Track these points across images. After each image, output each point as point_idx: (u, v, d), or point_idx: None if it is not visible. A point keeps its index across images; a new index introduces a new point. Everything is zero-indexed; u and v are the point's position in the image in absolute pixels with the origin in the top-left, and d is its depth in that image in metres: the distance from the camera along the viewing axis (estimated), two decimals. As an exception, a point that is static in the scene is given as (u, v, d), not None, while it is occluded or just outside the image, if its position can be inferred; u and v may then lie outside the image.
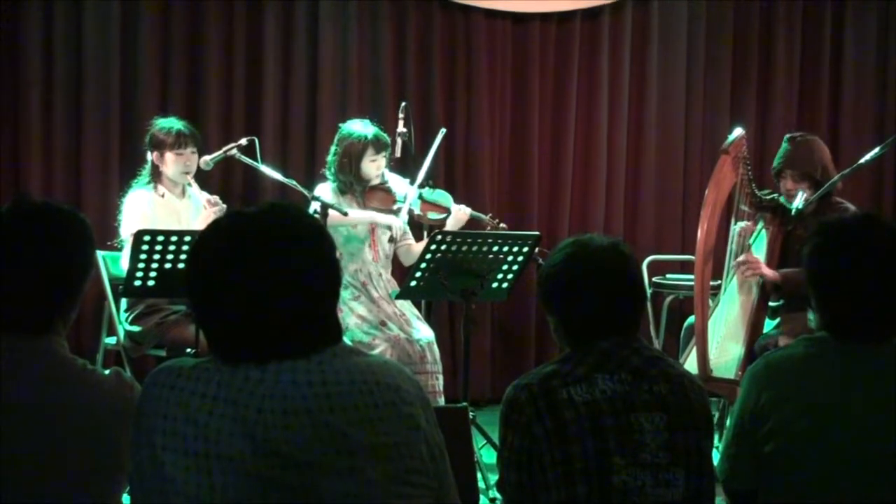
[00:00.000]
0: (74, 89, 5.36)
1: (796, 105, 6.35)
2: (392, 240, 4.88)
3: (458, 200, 4.95)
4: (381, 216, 4.76)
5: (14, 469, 1.91)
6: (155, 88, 5.45)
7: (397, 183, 4.87)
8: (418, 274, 4.19)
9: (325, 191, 4.73)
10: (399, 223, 4.77)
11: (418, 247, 4.83)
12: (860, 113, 6.38)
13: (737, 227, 4.54)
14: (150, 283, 4.01)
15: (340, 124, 4.88)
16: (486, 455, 4.39)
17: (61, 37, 5.31)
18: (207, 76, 5.53)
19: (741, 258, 4.43)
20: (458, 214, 4.80)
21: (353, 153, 4.73)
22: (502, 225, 4.85)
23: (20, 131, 5.29)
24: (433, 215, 4.83)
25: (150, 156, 4.66)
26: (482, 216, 4.88)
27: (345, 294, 4.65)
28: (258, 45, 5.61)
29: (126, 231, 4.49)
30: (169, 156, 4.60)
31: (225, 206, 4.55)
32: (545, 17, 6.00)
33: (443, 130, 4.97)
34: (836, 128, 6.31)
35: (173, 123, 4.66)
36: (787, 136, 4.67)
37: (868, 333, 2.23)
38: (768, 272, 4.41)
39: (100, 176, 5.38)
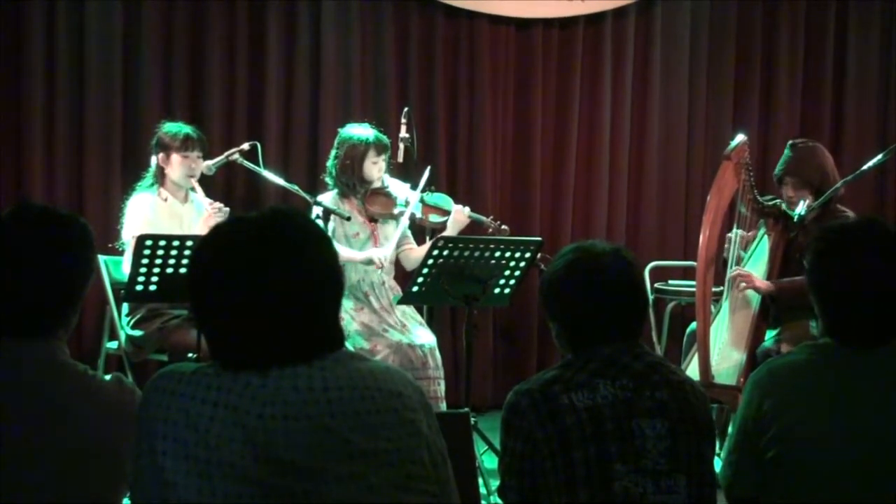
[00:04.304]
0: (76, 93, 5.36)
1: (799, 111, 6.35)
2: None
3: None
4: (359, 254, 4.70)
5: (14, 475, 1.90)
6: (157, 93, 5.46)
7: (398, 188, 4.86)
8: (420, 279, 4.19)
9: (327, 200, 4.73)
10: (382, 254, 4.67)
11: (419, 251, 4.83)
12: (863, 119, 6.38)
13: (731, 235, 4.53)
14: (152, 287, 4.01)
15: (340, 129, 4.88)
16: (488, 461, 4.38)
17: (63, 40, 5.31)
18: (210, 81, 5.53)
19: (733, 272, 4.43)
20: (457, 215, 4.78)
21: (355, 155, 4.73)
22: (504, 227, 4.84)
23: (22, 135, 5.29)
24: (435, 218, 4.83)
25: (155, 158, 4.67)
26: (483, 218, 4.86)
27: (347, 303, 4.65)
28: (261, 49, 5.61)
29: (128, 234, 4.50)
30: (175, 158, 4.61)
31: (228, 209, 4.56)
32: (548, 23, 6.00)
33: (428, 168, 4.81)
34: (838, 134, 6.31)
35: (182, 127, 4.68)
36: (790, 142, 4.65)
37: (870, 338, 2.22)
38: (762, 284, 4.40)
39: (102, 179, 5.38)
